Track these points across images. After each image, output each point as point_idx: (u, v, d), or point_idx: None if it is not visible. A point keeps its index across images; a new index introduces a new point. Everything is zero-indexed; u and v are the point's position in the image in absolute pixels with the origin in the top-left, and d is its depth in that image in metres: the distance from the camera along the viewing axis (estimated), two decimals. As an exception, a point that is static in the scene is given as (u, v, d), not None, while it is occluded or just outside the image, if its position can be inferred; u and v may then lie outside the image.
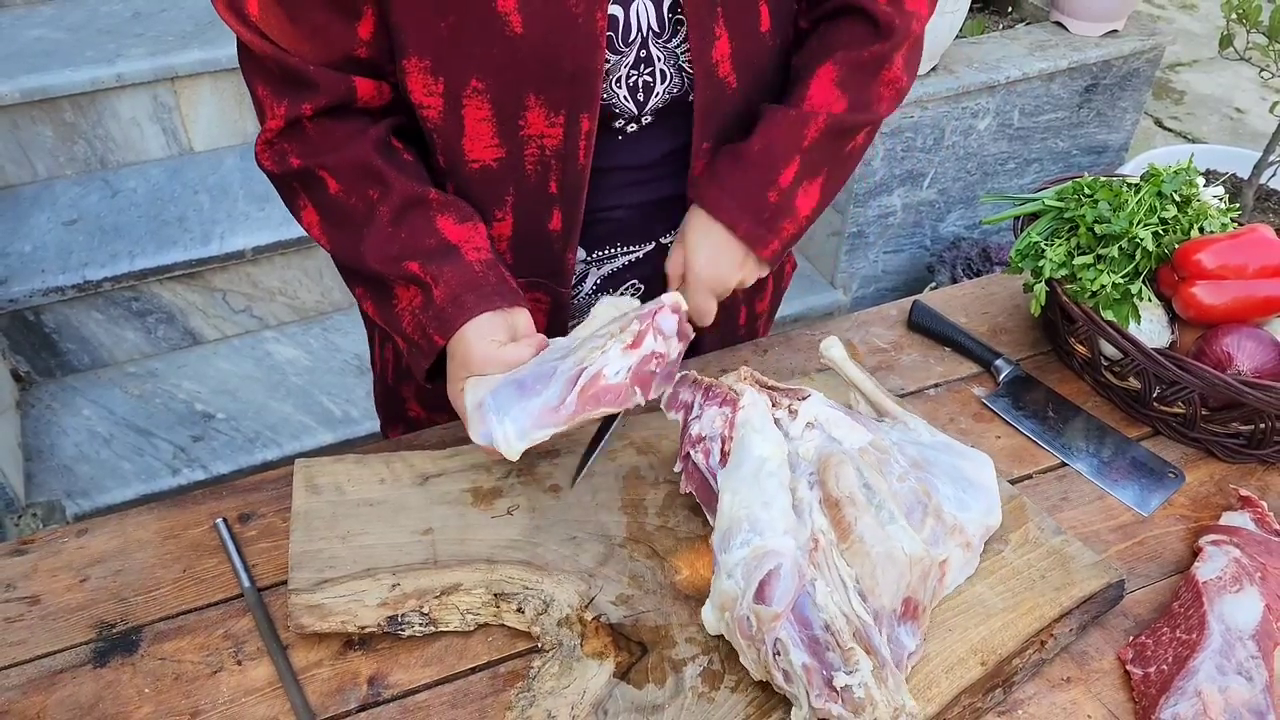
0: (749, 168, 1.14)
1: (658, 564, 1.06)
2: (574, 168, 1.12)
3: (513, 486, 1.14)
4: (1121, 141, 3.26)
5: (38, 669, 0.98)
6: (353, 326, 2.83)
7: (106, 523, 1.12)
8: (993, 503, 1.06)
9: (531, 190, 1.14)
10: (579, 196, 1.15)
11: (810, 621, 0.90)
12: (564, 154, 1.10)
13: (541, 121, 1.07)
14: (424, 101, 1.06)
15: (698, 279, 1.17)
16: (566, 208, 1.16)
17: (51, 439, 2.48)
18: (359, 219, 1.07)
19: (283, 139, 1.07)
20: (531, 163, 1.11)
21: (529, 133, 1.08)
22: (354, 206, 1.07)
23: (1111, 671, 1.00)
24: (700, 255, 1.17)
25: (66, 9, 2.85)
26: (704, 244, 1.17)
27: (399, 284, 1.07)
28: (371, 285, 1.11)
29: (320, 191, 1.09)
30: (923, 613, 0.97)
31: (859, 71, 1.14)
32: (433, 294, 1.05)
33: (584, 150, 1.10)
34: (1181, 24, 5.07)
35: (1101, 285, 1.25)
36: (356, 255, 1.08)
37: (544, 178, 1.12)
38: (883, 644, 0.91)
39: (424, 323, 1.06)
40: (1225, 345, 1.20)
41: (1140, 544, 1.14)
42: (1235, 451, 1.23)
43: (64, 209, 2.60)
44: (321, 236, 1.12)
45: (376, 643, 1.00)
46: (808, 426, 1.06)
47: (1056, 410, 1.30)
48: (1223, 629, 1.00)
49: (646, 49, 1.09)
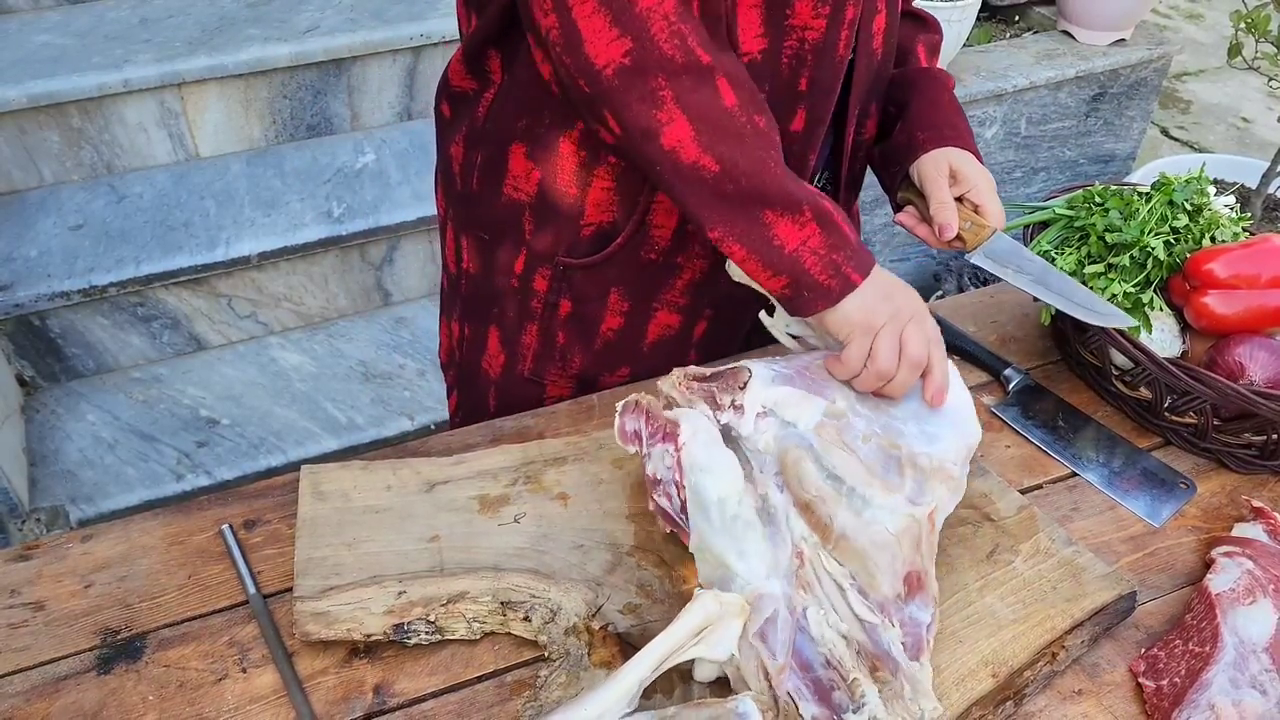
0: (954, 111, 1.27)
1: (666, 573, 1.06)
2: (832, 59, 1.11)
3: (520, 494, 1.13)
4: (1129, 151, 3.26)
5: (42, 675, 0.97)
6: (357, 333, 2.83)
7: (111, 529, 1.12)
8: (965, 419, 1.04)
9: (783, 87, 1.12)
10: (832, 91, 1.15)
11: (810, 663, 0.90)
12: (822, 47, 1.09)
13: (808, 11, 1.06)
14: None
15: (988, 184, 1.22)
16: (814, 104, 1.14)
17: (56, 444, 2.48)
18: (752, 142, 1.01)
19: (681, 19, 0.97)
20: (788, 56, 1.09)
21: (794, 23, 1.06)
22: (744, 126, 1.01)
23: (1123, 684, 0.99)
24: (973, 168, 1.22)
25: (73, 15, 2.86)
26: (969, 160, 1.23)
27: (799, 217, 1.03)
28: (745, 221, 1.03)
29: (711, 100, 0.99)
30: (927, 578, 0.96)
31: (933, 52, 1.37)
32: (844, 233, 1.05)
33: (844, 42, 1.11)
34: (1188, 33, 5.07)
35: (1112, 294, 1.24)
36: (763, 170, 1.01)
37: (796, 74, 1.11)
38: (894, 641, 0.91)
39: (838, 263, 1.04)
40: (1237, 355, 1.19)
41: (1152, 555, 1.13)
42: (1247, 462, 1.22)
43: (70, 214, 2.61)
44: (704, 153, 1.00)
45: (382, 651, 1.00)
46: (759, 417, 1.04)
47: (1066, 420, 1.30)
48: (1236, 641, 0.99)
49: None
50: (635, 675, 0.88)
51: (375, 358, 2.76)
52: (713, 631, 0.93)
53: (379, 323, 2.86)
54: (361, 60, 2.79)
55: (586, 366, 1.36)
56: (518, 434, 1.24)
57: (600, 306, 1.30)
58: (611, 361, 1.35)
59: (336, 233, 2.64)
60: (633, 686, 0.88)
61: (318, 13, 2.87)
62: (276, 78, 2.74)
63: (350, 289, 2.83)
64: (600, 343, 1.34)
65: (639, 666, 0.89)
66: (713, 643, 0.92)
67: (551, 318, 1.33)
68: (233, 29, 2.77)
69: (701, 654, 0.92)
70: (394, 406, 2.64)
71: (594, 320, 1.32)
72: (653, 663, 0.90)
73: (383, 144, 2.89)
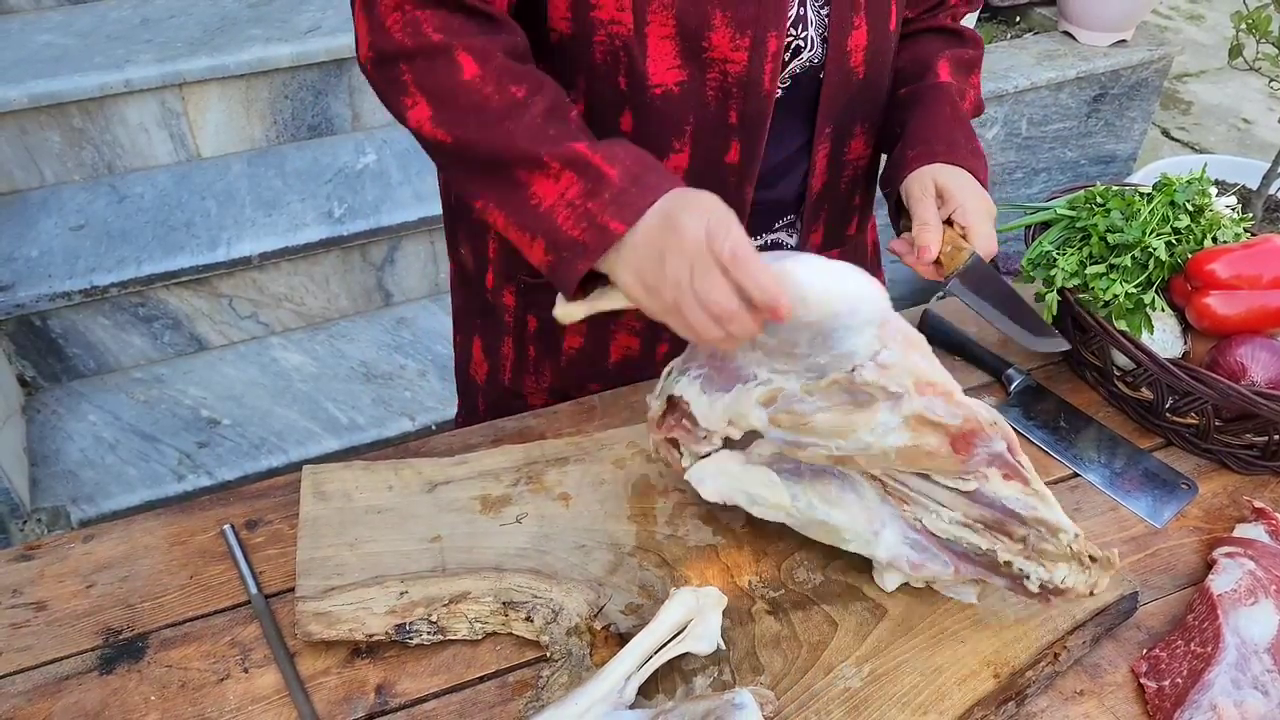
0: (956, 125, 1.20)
1: (667, 573, 1.06)
2: (758, 94, 1.09)
3: (521, 494, 1.13)
4: (1129, 151, 3.26)
5: (44, 675, 0.97)
6: (358, 333, 2.83)
7: (113, 528, 1.12)
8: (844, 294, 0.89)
9: (712, 119, 1.10)
10: (760, 128, 1.12)
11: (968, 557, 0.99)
12: (746, 80, 1.07)
13: (726, 43, 1.04)
14: (615, 17, 1.02)
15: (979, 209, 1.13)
16: (745, 139, 1.13)
17: (57, 444, 2.48)
18: (495, 110, 0.97)
19: (417, 6, 0.98)
20: (713, 88, 1.08)
21: (712, 55, 1.05)
22: (488, 97, 0.97)
23: (1125, 684, 0.99)
24: (968, 190, 1.14)
25: (75, 15, 2.86)
26: (964, 181, 1.15)
27: (549, 171, 0.94)
28: (502, 183, 0.97)
29: (448, 75, 0.97)
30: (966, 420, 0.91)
31: (962, 67, 1.28)
32: (605, 175, 0.92)
33: (769, 75, 1.08)
34: (1189, 34, 5.07)
35: (1114, 295, 1.24)
36: (495, 138, 0.96)
37: (724, 106, 1.09)
38: (996, 488, 0.94)
39: (592, 212, 0.91)
40: (1239, 356, 1.19)
41: (1153, 555, 1.13)
42: (1249, 463, 1.22)
43: (71, 214, 2.61)
44: (437, 129, 0.98)
45: (384, 651, 1.00)
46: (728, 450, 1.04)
47: (1068, 420, 1.30)
48: (1238, 642, 0.99)
49: (805, 6, 1.08)
50: (620, 669, 0.91)
51: (376, 358, 2.77)
52: (696, 625, 0.95)
53: (380, 323, 2.86)
54: (363, 61, 2.79)
55: (557, 381, 1.37)
56: (519, 434, 1.24)
57: (560, 325, 1.28)
58: (579, 377, 1.36)
59: (337, 233, 2.64)
60: (618, 680, 0.90)
61: (319, 13, 2.87)
62: (278, 78, 2.74)
63: (351, 289, 2.83)
64: (566, 360, 1.35)
65: (624, 661, 0.91)
66: (698, 636, 0.95)
67: (522, 332, 1.35)
68: (234, 29, 2.77)
69: (688, 648, 0.94)
70: (395, 407, 2.64)
71: (558, 338, 1.33)
72: (637, 658, 0.92)
73: (384, 144, 2.89)
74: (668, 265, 0.88)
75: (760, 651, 0.99)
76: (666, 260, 0.88)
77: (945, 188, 1.13)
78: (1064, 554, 0.93)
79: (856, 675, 0.96)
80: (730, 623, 1.01)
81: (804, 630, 1.01)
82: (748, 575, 1.06)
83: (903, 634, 1.00)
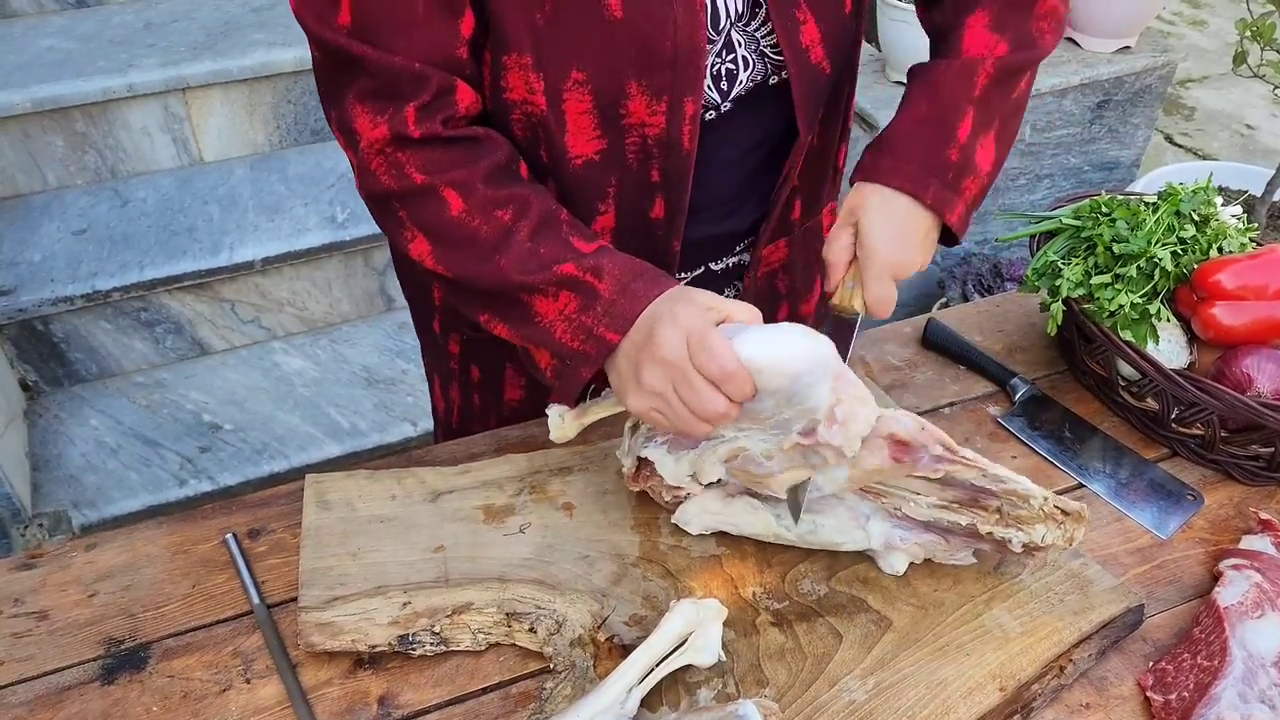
0: (924, 127, 1.07)
1: (671, 584, 1.05)
2: (678, 153, 1.08)
3: (525, 504, 1.13)
4: (1133, 158, 3.25)
5: (45, 685, 0.97)
6: (361, 338, 2.83)
7: (115, 537, 1.12)
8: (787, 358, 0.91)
9: (634, 179, 1.10)
10: (683, 182, 1.11)
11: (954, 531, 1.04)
12: (666, 141, 1.07)
13: (643, 109, 1.04)
14: (526, 98, 1.03)
15: (881, 263, 1.06)
16: (670, 194, 1.12)
17: (59, 449, 2.47)
18: (486, 241, 1.00)
19: (397, 149, 0.99)
20: (633, 151, 1.08)
21: (630, 121, 1.05)
22: (477, 228, 1.00)
23: (1131, 698, 0.99)
24: (881, 235, 1.06)
25: (78, 19, 2.86)
26: (885, 222, 1.06)
27: (547, 293, 0.99)
28: (504, 304, 1.03)
29: (438, 213, 1.01)
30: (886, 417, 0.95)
31: (1013, 10, 1.09)
32: (596, 290, 0.97)
33: (688, 135, 1.07)
34: (1192, 40, 5.06)
35: (1119, 305, 1.24)
36: (490, 273, 1.00)
37: (646, 166, 1.09)
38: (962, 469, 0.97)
39: (588, 325, 0.98)
40: (1245, 367, 1.18)
41: (1159, 567, 1.13)
42: (1255, 474, 1.22)
43: (74, 218, 2.60)
44: (438, 264, 1.03)
45: (387, 662, 0.99)
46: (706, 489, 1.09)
47: (1073, 430, 1.29)
48: (1245, 655, 0.98)
49: (725, 35, 1.07)
50: (622, 682, 0.91)
51: (378, 363, 2.76)
52: (697, 637, 0.95)
53: (382, 328, 2.86)
54: (366, 65, 2.79)
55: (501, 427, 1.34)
56: (523, 443, 1.23)
57: (500, 378, 1.32)
58: None
59: (340, 238, 2.64)
60: (621, 693, 0.90)
61: (322, 18, 2.86)
62: (281, 82, 2.74)
63: (354, 294, 2.82)
64: (507, 410, 1.36)
65: (625, 674, 0.92)
66: (699, 647, 0.95)
67: (466, 380, 1.37)
68: (237, 33, 2.77)
69: (689, 660, 0.95)
70: (397, 412, 2.64)
71: (499, 389, 1.35)
72: (639, 670, 0.92)
73: (386, 149, 2.88)
74: (645, 374, 0.94)
75: (765, 663, 0.98)
76: (644, 369, 0.94)
77: (862, 225, 1.07)
78: (1037, 516, 0.99)
79: (861, 688, 0.96)
80: (734, 634, 1.01)
81: (808, 642, 1.00)
82: (752, 586, 1.06)
83: (908, 646, 1.00)
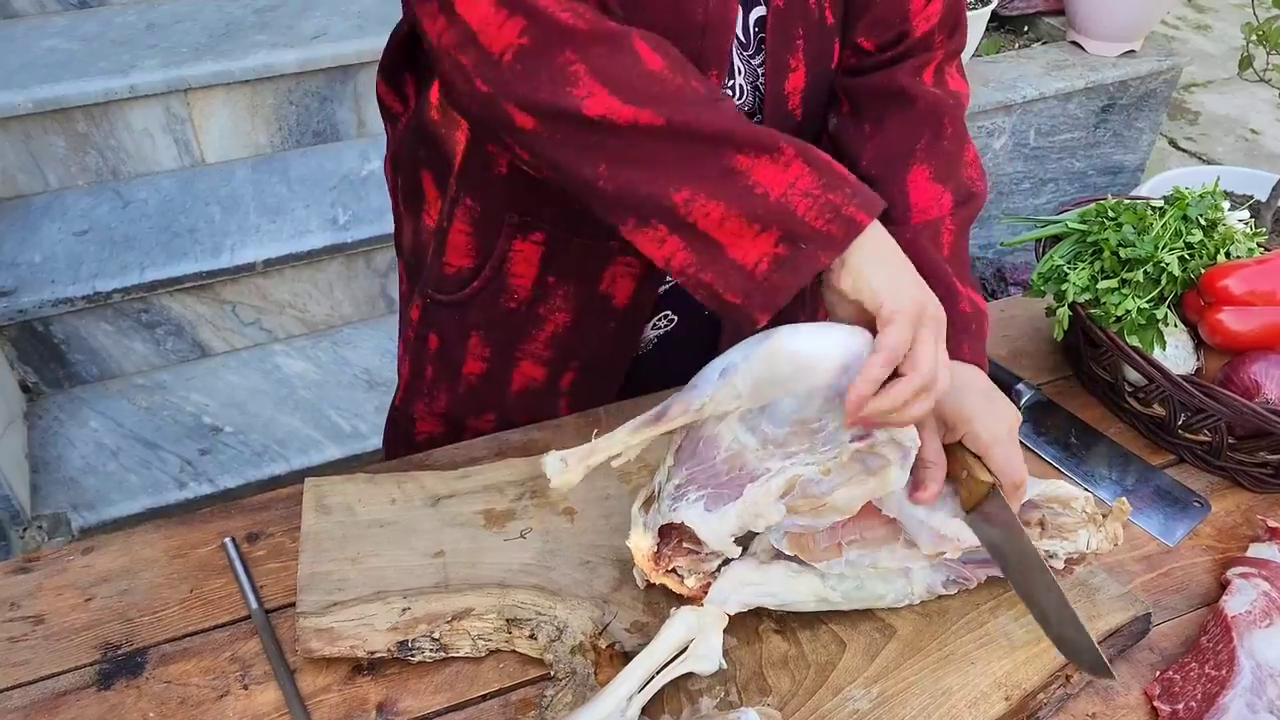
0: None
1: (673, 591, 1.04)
2: None
3: (526, 509, 1.12)
4: (1137, 162, 3.25)
5: (41, 690, 0.96)
6: (362, 340, 2.82)
7: (113, 540, 1.11)
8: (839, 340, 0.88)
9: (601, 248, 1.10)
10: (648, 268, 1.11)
11: None
12: None
13: None
14: None
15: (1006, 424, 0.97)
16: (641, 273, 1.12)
17: (58, 451, 2.47)
18: (701, 96, 0.87)
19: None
20: None
21: None
22: (685, 84, 0.86)
23: (1138, 707, 0.98)
24: (990, 417, 0.96)
25: (80, 20, 2.86)
26: (981, 403, 0.97)
27: (778, 161, 0.86)
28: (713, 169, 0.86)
29: (631, 68, 0.85)
30: None
31: (948, 163, 1.07)
32: (835, 169, 0.86)
33: None
34: (1196, 44, 5.05)
35: (1126, 310, 1.23)
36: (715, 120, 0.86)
37: None
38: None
39: (835, 203, 0.85)
40: (1253, 373, 1.17)
41: (1166, 575, 1.12)
42: (1262, 481, 1.21)
43: (75, 219, 2.60)
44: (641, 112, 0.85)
45: (386, 668, 0.98)
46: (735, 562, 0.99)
47: (1079, 436, 1.28)
48: (1253, 665, 0.97)
49: (732, 59, 1.04)
50: (623, 690, 0.90)
51: (380, 365, 2.75)
52: (698, 645, 0.94)
53: (384, 330, 2.85)
54: (368, 67, 2.78)
55: (452, 407, 1.34)
56: (524, 447, 1.22)
57: (462, 349, 1.27)
58: (476, 406, 1.33)
59: (342, 240, 2.63)
60: (621, 701, 0.89)
61: (324, 19, 2.86)
62: (283, 84, 2.73)
63: (355, 296, 2.82)
64: (464, 385, 1.32)
65: (626, 681, 0.91)
66: (699, 655, 0.94)
67: (421, 350, 1.32)
68: (239, 35, 2.77)
69: (690, 668, 0.93)
70: (398, 415, 2.63)
71: (457, 361, 1.30)
72: (639, 678, 0.91)
73: (389, 151, 2.88)
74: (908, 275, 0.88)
75: (767, 672, 0.97)
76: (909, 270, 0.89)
77: (970, 412, 0.95)
78: (1080, 520, 0.99)
79: (865, 697, 0.95)
80: (736, 642, 1.00)
81: (812, 650, 0.99)
82: (755, 593, 1.05)
83: (912, 655, 0.99)
